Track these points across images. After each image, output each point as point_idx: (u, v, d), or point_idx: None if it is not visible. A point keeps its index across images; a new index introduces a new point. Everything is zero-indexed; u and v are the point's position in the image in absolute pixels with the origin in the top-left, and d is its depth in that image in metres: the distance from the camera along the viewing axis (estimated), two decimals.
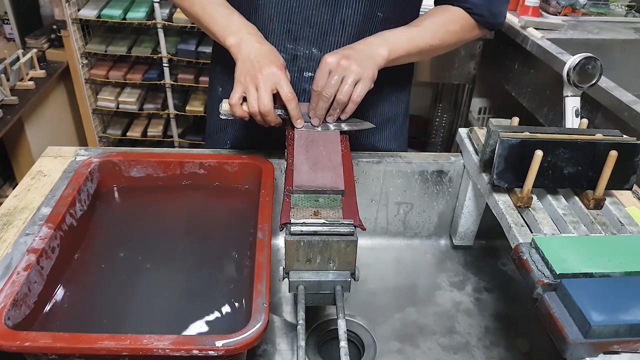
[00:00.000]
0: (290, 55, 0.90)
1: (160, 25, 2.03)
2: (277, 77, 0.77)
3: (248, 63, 0.78)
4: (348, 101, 0.79)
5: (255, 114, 0.78)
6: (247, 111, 0.78)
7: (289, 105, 0.78)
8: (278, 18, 0.87)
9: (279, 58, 0.80)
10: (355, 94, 0.78)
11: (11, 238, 0.75)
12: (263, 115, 0.77)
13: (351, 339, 0.81)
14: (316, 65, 0.89)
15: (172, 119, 2.27)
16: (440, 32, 0.87)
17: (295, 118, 0.80)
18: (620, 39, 1.79)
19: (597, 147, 0.70)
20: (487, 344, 0.81)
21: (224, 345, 0.53)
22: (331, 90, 0.78)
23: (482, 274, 0.94)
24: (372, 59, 0.80)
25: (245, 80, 0.77)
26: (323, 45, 0.89)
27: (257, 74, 0.77)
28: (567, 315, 0.54)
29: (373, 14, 0.87)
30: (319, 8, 0.85)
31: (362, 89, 0.78)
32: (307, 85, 0.92)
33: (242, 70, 0.78)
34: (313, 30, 0.87)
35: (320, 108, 0.80)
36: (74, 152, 0.94)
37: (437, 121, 2.41)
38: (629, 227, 0.68)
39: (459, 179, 0.94)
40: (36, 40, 2.16)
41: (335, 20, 0.86)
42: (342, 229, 0.63)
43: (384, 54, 0.81)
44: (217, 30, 0.84)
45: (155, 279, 0.71)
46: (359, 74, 0.77)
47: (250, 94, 0.77)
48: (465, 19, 0.89)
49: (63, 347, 0.53)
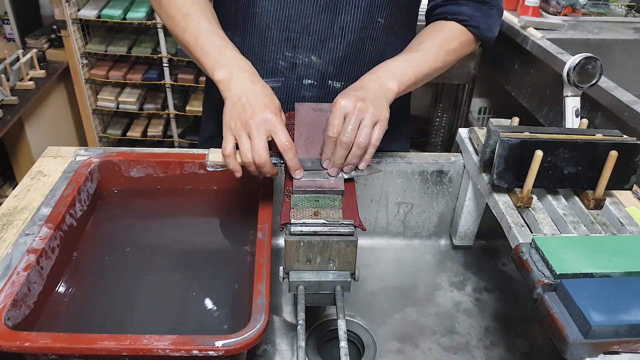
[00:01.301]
0: (289, 63, 0.89)
1: (160, 25, 2.03)
2: (272, 124, 0.69)
3: (239, 106, 0.70)
4: (368, 146, 0.72)
5: (249, 164, 0.69)
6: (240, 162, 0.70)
7: (285, 155, 0.70)
8: (277, 26, 0.86)
9: (273, 100, 0.72)
10: (374, 137, 0.72)
11: (11, 238, 0.75)
12: (258, 166, 0.69)
13: (351, 339, 0.81)
14: (316, 72, 0.89)
15: (172, 119, 2.28)
16: (442, 54, 0.84)
17: (294, 169, 0.71)
18: (620, 39, 1.78)
19: (597, 147, 0.70)
20: (487, 344, 0.81)
21: (224, 345, 0.53)
22: (350, 135, 0.71)
23: (482, 274, 0.94)
24: (384, 97, 0.75)
25: (236, 126, 0.69)
26: (322, 52, 0.88)
27: (249, 120, 0.68)
28: (567, 315, 0.54)
29: (373, 20, 0.86)
30: (317, 16, 0.84)
31: (379, 131, 0.72)
32: (306, 93, 0.91)
33: (232, 115, 0.70)
34: (312, 37, 0.86)
35: (339, 156, 0.72)
36: (74, 152, 0.94)
37: (437, 121, 2.41)
38: (629, 227, 0.68)
39: (459, 179, 0.94)
40: (36, 40, 2.16)
41: (334, 28, 0.85)
42: (342, 229, 0.63)
43: (394, 89, 0.77)
44: (207, 62, 0.76)
45: (155, 278, 0.71)
46: (377, 116, 0.72)
47: (243, 143, 0.69)
48: (462, 34, 0.87)
49: (63, 347, 0.53)
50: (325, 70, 0.89)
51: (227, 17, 0.90)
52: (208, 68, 0.76)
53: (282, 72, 0.90)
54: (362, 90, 0.75)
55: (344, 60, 0.88)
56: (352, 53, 0.88)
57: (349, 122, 0.71)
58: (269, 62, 0.89)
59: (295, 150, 0.70)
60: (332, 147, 0.72)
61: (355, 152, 0.72)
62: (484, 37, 0.89)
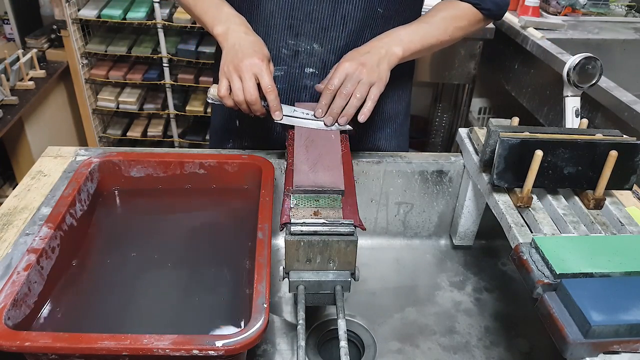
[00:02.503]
0: (292, 51, 0.90)
1: (160, 25, 2.03)
2: (258, 67, 0.77)
3: (232, 52, 0.79)
4: (366, 98, 0.80)
5: (240, 102, 0.79)
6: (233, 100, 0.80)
7: (268, 96, 0.79)
8: (280, 14, 0.88)
9: (262, 49, 0.81)
10: (372, 93, 0.80)
11: (11, 238, 0.75)
12: (249, 104, 0.79)
13: (351, 339, 0.81)
14: (318, 60, 0.91)
15: (172, 119, 2.27)
16: (450, 29, 0.90)
17: (274, 110, 0.80)
18: (620, 39, 1.79)
19: (597, 147, 0.70)
20: (487, 344, 0.81)
21: (224, 345, 0.53)
22: (349, 89, 0.79)
23: (482, 274, 0.94)
24: (387, 60, 0.82)
25: (228, 69, 0.79)
26: (324, 40, 0.89)
27: (239, 63, 0.77)
28: (567, 315, 0.54)
29: (373, 10, 0.88)
30: (319, 4, 0.86)
31: (376, 92, 0.81)
32: (308, 82, 0.92)
33: (226, 60, 0.80)
34: (314, 25, 0.88)
35: (337, 106, 0.80)
36: (74, 152, 0.94)
37: (437, 121, 2.41)
38: (629, 227, 0.68)
39: (459, 179, 0.94)
40: (36, 40, 2.16)
41: (336, 16, 0.87)
42: (342, 229, 0.63)
43: (399, 54, 0.84)
44: (207, 20, 0.86)
45: (156, 278, 0.71)
46: (375, 79, 0.80)
47: (235, 84, 0.78)
48: (473, 14, 0.92)
49: (63, 347, 0.53)
50: (327, 58, 0.91)
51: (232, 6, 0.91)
52: (208, 24, 0.86)
53: (284, 61, 0.92)
54: (367, 55, 0.82)
55: (345, 49, 0.89)
56: (353, 42, 0.90)
57: (349, 80, 0.80)
58: (272, 51, 0.90)
59: (277, 94, 0.79)
60: (330, 98, 0.81)
61: (353, 103, 0.80)
62: (495, 15, 0.94)
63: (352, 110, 0.81)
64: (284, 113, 0.82)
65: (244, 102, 0.79)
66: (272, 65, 0.82)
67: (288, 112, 0.83)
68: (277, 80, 0.93)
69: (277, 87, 0.80)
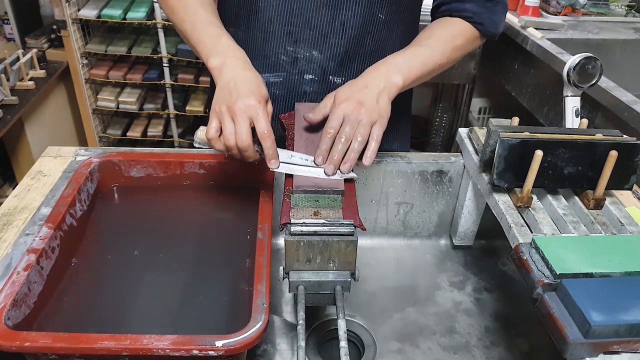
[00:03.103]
0: (291, 58, 0.90)
1: (160, 25, 2.03)
2: (254, 110, 0.69)
3: (226, 91, 0.71)
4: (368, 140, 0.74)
5: (231, 147, 0.70)
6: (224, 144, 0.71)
7: (264, 142, 0.70)
8: (278, 20, 0.87)
9: (260, 88, 0.72)
10: (374, 133, 0.74)
11: (11, 238, 0.75)
12: (241, 150, 0.69)
13: (351, 339, 0.81)
14: (317, 67, 0.90)
15: (172, 119, 2.28)
16: (448, 50, 0.85)
17: (270, 158, 0.71)
18: (620, 39, 1.79)
19: (597, 147, 0.70)
20: (487, 344, 0.81)
21: (224, 345, 0.53)
22: (349, 132, 0.72)
23: (482, 274, 0.94)
24: (386, 93, 0.77)
25: (220, 109, 0.70)
26: (323, 47, 0.88)
27: (233, 105, 0.69)
28: (567, 315, 0.54)
29: (374, 15, 0.87)
30: (318, 10, 0.85)
31: (379, 131, 0.75)
32: (307, 88, 0.92)
33: (218, 99, 0.71)
34: (313, 32, 0.87)
35: (338, 151, 0.72)
36: (74, 152, 0.94)
37: (437, 121, 2.41)
38: (629, 227, 0.68)
39: (459, 179, 0.94)
40: (36, 40, 2.16)
41: (335, 23, 0.86)
42: (342, 229, 0.63)
43: (399, 83, 0.79)
44: (202, 50, 0.78)
45: (156, 278, 0.71)
46: (375, 118, 0.74)
47: (226, 126, 0.69)
48: (468, 30, 0.88)
49: (63, 347, 0.53)
50: (326, 65, 0.90)
51: (230, 13, 0.91)
52: (203, 55, 0.78)
53: (283, 67, 0.91)
54: (365, 92, 0.76)
55: (344, 55, 0.89)
56: (353, 49, 0.89)
57: (347, 123, 0.73)
58: (271, 57, 0.90)
59: (273, 139, 0.70)
60: (330, 143, 0.73)
61: (354, 147, 0.73)
62: (489, 33, 0.90)
63: (354, 155, 0.73)
64: (281, 160, 0.72)
65: (235, 147, 0.69)
66: (271, 106, 0.73)
67: (285, 157, 0.73)
68: (275, 87, 0.91)
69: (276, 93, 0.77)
